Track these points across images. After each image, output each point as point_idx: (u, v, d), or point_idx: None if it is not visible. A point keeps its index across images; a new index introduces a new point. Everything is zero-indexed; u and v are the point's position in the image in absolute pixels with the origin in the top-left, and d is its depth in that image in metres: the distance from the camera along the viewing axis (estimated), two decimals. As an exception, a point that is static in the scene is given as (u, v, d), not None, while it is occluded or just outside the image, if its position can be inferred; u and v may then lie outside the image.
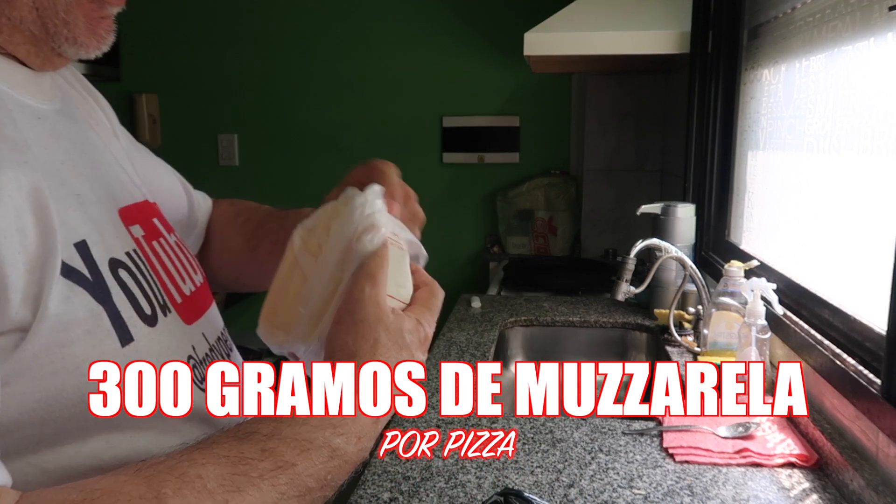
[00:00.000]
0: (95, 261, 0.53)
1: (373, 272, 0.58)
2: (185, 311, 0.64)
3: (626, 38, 1.96)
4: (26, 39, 0.55)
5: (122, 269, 0.56)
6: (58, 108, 0.62)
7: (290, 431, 0.52)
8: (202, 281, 0.71)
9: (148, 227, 0.65)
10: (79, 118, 0.66)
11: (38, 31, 0.55)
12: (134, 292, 0.56)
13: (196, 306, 0.66)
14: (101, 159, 0.65)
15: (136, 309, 0.56)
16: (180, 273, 0.66)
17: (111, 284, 0.54)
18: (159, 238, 0.66)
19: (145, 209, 0.67)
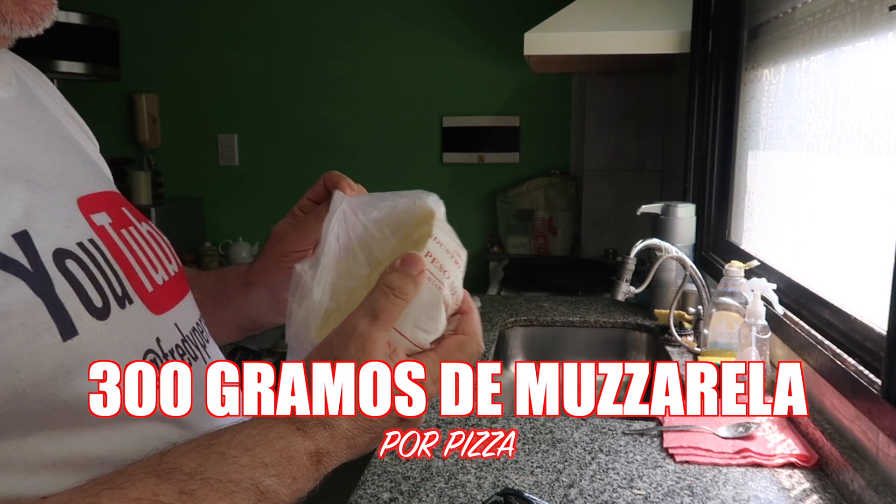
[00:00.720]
0: (38, 251, 0.51)
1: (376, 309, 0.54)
2: (154, 300, 0.61)
3: (626, 38, 1.96)
4: None
5: (71, 260, 0.53)
6: (11, 96, 0.60)
7: (216, 471, 0.48)
8: (177, 270, 0.69)
9: (115, 214, 0.63)
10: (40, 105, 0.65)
11: None
12: (83, 283, 0.53)
13: (169, 296, 0.64)
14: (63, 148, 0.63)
15: (84, 301, 0.53)
16: (152, 262, 0.64)
17: (54, 275, 0.51)
18: (128, 226, 0.64)
19: (112, 198, 0.65)
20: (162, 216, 2.96)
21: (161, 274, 0.65)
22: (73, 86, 3.10)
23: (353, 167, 3.21)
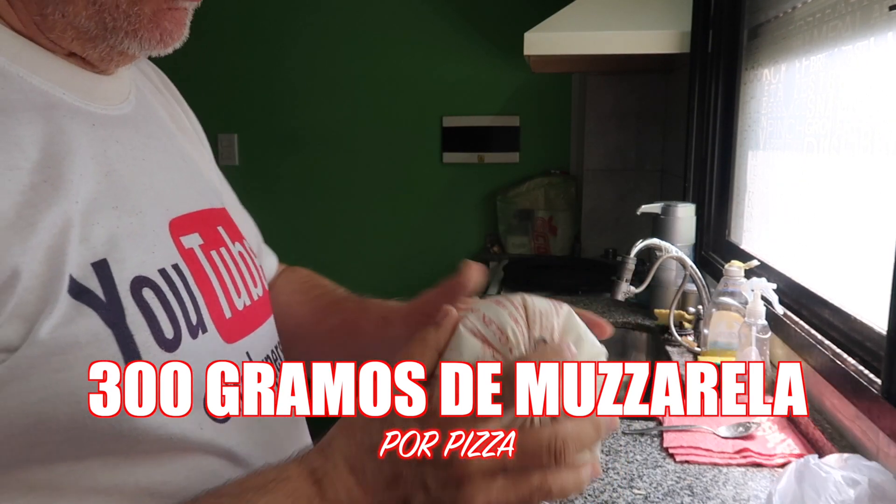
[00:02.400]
0: (115, 280, 0.50)
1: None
2: (230, 328, 0.60)
3: (626, 38, 1.96)
4: (79, 36, 0.52)
5: (148, 288, 0.52)
6: (126, 113, 0.59)
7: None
8: (261, 294, 0.67)
9: (209, 234, 0.61)
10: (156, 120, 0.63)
11: (94, 27, 0.51)
12: (156, 313, 0.52)
13: (246, 322, 0.62)
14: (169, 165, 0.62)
15: (154, 331, 0.52)
16: (237, 285, 0.62)
17: (127, 305, 0.50)
18: (220, 247, 0.62)
19: (213, 215, 0.63)
20: (162, 216, 2.95)
21: (244, 298, 0.63)
22: (72, 86, 3.10)
23: (354, 167, 3.21)
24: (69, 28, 0.51)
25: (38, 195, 0.47)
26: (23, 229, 0.45)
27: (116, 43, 0.53)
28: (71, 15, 0.50)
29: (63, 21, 0.50)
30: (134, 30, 0.52)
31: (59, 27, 0.50)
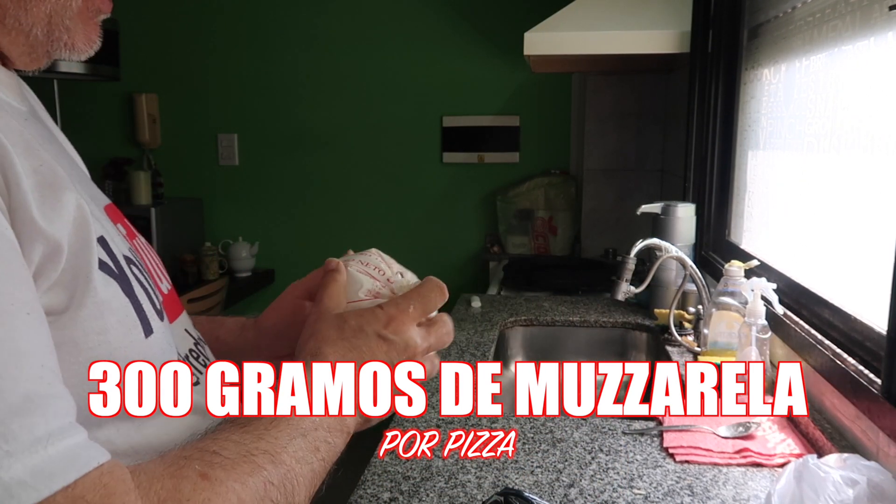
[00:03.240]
0: (116, 256, 0.55)
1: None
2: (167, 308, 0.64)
3: (626, 38, 1.96)
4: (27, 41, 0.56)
5: (132, 265, 0.57)
6: (28, 109, 0.61)
7: None
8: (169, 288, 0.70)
9: (126, 226, 0.65)
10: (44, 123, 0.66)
11: (42, 35, 0.55)
12: (145, 286, 0.58)
13: (174, 305, 0.67)
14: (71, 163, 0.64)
15: (150, 302, 0.57)
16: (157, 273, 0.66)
17: (131, 278, 0.55)
18: (135, 238, 0.66)
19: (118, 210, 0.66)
20: (162, 216, 2.96)
21: (165, 283, 0.67)
22: (73, 86, 3.10)
23: (353, 167, 3.21)
24: (21, 35, 0.55)
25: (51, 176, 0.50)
26: (55, 206, 0.49)
27: (54, 51, 0.57)
28: (27, 25, 0.54)
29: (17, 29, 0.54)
30: (72, 42, 0.57)
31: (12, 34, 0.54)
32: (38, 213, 0.47)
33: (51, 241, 0.48)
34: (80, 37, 0.58)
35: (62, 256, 0.49)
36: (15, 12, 0.53)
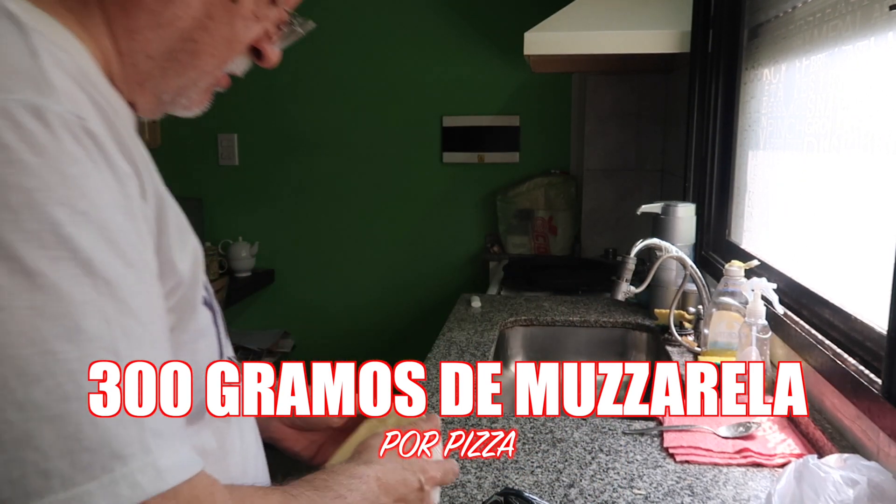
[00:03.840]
0: (209, 290, 0.64)
1: None
2: None
3: (626, 38, 1.96)
4: (156, 101, 0.64)
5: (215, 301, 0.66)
6: None
7: None
8: None
9: None
10: None
11: (169, 99, 0.64)
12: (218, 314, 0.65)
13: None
14: None
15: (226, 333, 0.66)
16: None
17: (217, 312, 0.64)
18: None
19: None
20: (162, 216, 2.95)
21: None
22: (72, 86, 3.10)
23: (354, 167, 3.21)
24: (153, 97, 0.63)
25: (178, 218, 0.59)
26: (183, 246, 0.58)
27: (172, 110, 0.66)
28: (161, 90, 0.63)
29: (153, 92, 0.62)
30: (187, 105, 0.66)
31: (147, 95, 0.63)
32: (175, 253, 0.56)
33: (178, 275, 0.56)
34: (195, 102, 0.66)
35: (182, 288, 0.57)
36: (155, 81, 0.61)
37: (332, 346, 3.27)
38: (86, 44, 0.56)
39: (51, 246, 0.44)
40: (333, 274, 3.29)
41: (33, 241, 0.44)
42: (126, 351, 0.47)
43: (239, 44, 0.63)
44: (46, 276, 0.44)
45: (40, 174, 0.44)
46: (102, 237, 0.47)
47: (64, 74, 0.49)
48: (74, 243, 0.45)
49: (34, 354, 0.43)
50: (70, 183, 0.45)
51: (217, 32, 0.60)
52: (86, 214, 0.46)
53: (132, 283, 0.48)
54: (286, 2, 0.66)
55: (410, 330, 3.23)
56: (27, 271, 0.43)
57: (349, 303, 3.28)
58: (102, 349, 0.45)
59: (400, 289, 3.26)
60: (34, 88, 0.46)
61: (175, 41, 0.59)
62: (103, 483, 0.44)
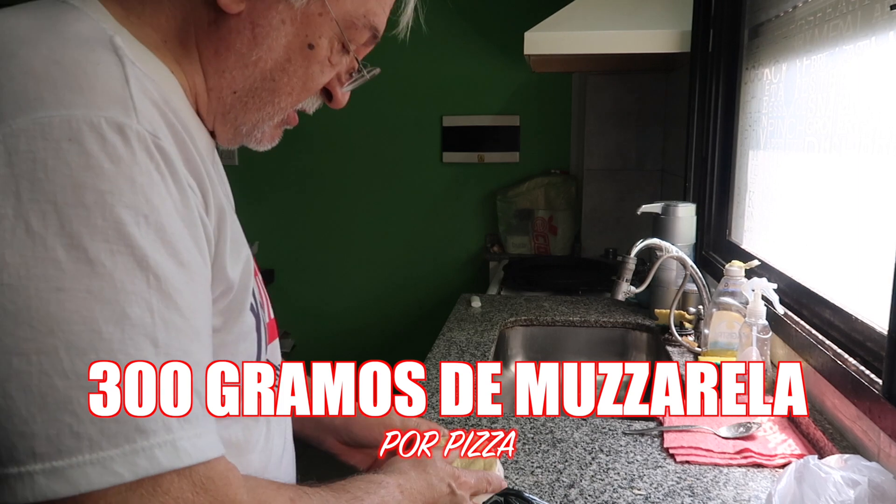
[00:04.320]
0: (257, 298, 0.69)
1: None
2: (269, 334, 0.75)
3: (626, 38, 1.96)
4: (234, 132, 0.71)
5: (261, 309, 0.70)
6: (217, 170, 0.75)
7: None
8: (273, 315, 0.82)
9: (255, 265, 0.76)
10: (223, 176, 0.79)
11: (245, 132, 0.71)
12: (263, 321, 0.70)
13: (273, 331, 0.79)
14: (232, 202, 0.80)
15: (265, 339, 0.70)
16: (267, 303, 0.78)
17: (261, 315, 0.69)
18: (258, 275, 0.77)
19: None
20: (162, 216, 2.95)
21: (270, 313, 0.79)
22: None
23: (354, 166, 3.20)
24: (232, 128, 0.70)
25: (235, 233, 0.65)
26: (237, 257, 0.64)
27: (244, 142, 0.73)
28: (240, 122, 0.70)
29: (232, 123, 0.70)
30: (259, 139, 0.74)
31: (228, 125, 0.70)
32: (228, 262, 0.62)
33: (229, 282, 0.62)
34: (267, 137, 0.74)
35: (231, 293, 0.63)
36: (236, 114, 0.69)
37: (332, 346, 3.27)
38: (178, 77, 0.64)
39: (113, 241, 0.50)
40: (333, 274, 3.29)
41: (98, 235, 0.50)
42: (164, 340, 0.52)
43: (314, 85, 0.71)
44: (105, 266, 0.50)
45: (113, 179, 0.51)
46: (159, 238, 0.53)
47: (146, 99, 0.56)
48: (133, 241, 0.51)
49: (84, 331, 0.49)
50: (137, 189, 0.52)
51: (295, 74, 0.68)
52: (147, 217, 0.52)
53: (181, 282, 0.54)
54: (357, 51, 0.76)
55: (410, 330, 3.23)
56: (89, 260, 0.49)
57: (349, 303, 3.28)
58: (143, 336, 0.51)
59: (400, 289, 3.26)
60: (121, 109, 0.53)
61: (257, 80, 0.66)
62: (125, 451, 0.49)
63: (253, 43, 0.64)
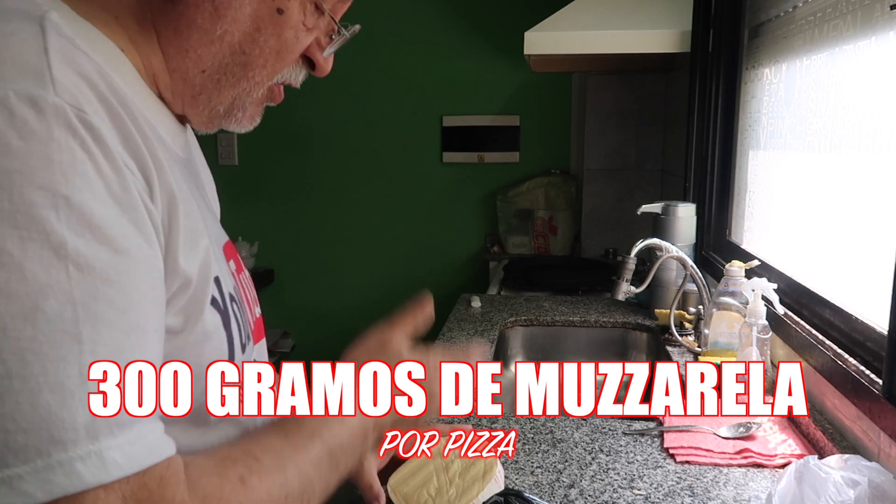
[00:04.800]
0: (224, 295, 0.63)
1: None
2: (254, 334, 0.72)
3: (626, 37, 1.96)
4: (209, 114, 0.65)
5: (234, 304, 0.65)
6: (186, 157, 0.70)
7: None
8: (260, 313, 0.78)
9: (237, 262, 0.73)
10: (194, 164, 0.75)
11: (223, 112, 0.65)
12: (240, 323, 0.65)
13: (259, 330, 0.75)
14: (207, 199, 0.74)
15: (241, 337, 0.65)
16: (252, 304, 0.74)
17: (231, 315, 0.63)
18: (242, 272, 0.74)
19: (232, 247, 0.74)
20: (162, 216, 2.95)
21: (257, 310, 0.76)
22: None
23: (353, 166, 3.20)
24: (206, 109, 0.64)
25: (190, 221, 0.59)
26: (193, 248, 0.58)
27: (224, 124, 0.67)
28: (215, 102, 0.64)
29: (206, 104, 0.64)
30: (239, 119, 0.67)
31: (200, 107, 0.64)
32: (182, 255, 0.56)
33: (185, 277, 0.57)
34: (248, 117, 0.67)
35: (190, 289, 0.57)
36: (209, 94, 0.63)
37: (332, 346, 3.27)
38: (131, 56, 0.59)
39: (22, 226, 0.45)
40: (333, 274, 3.29)
41: (5, 220, 0.45)
42: (90, 336, 0.46)
43: (289, 54, 0.65)
44: (12, 255, 0.44)
45: (24, 157, 0.46)
46: (84, 223, 0.47)
47: (71, 71, 0.50)
48: (48, 226, 0.46)
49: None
50: (55, 168, 0.46)
51: (266, 45, 0.62)
52: (68, 199, 0.46)
53: (116, 271, 0.48)
54: (334, 10, 0.68)
55: (410, 330, 3.23)
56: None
57: (349, 303, 3.28)
58: (61, 332, 0.45)
59: (400, 289, 3.26)
60: (35, 80, 0.48)
61: (227, 56, 0.61)
62: (36, 468, 0.43)
63: (215, 16, 0.59)
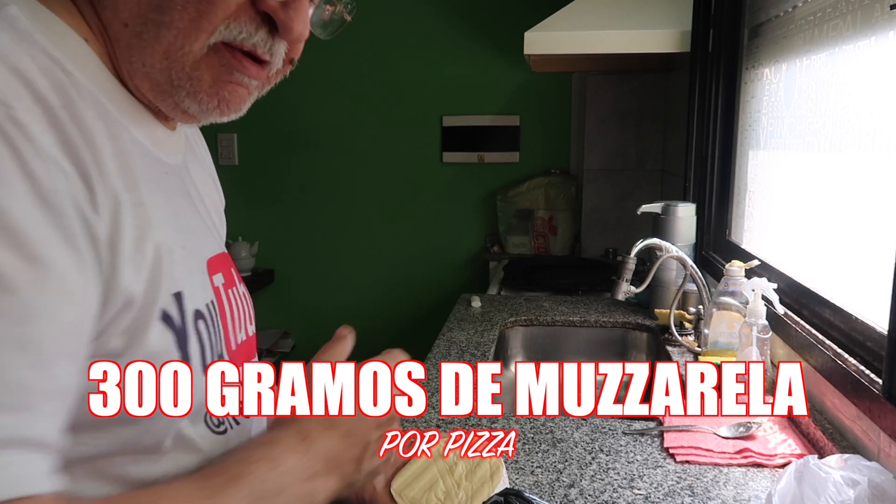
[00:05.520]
0: (185, 311, 0.58)
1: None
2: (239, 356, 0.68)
3: (626, 37, 1.96)
4: (153, 87, 0.58)
5: (201, 321, 0.60)
6: (179, 162, 0.66)
7: None
8: (253, 332, 0.74)
9: (227, 275, 0.69)
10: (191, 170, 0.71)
11: (163, 81, 0.57)
12: (204, 344, 0.60)
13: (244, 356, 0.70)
14: (200, 210, 0.70)
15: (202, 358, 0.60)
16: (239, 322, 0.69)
17: (190, 334, 0.59)
18: (233, 287, 0.69)
19: (225, 259, 0.70)
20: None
21: (241, 334, 0.70)
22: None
23: (353, 166, 3.20)
24: (146, 78, 0.58)
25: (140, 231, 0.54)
26: (137, 262, 0.53)
27: (179, 101, 0.59)
28: (148, 65, 0.57)
29: (142, 70, 0.57)
30: (194, 92, 0.58)
31: (138, 75, 0.58)
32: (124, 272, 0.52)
33: (127, 295, 0.52)
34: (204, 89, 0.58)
35: (134, 308, 0.53)
36: (136, 51, 0.56)
37: (331, 346, 3.27)
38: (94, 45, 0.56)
39: None
40: (333, 274, 3.29)
41: None
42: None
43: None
44: None
45: None
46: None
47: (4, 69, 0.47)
48: None
49: None
50: None
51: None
52: None
53: (22, 280, 0.44)
54: None
55: (410, 330, 3.23)
56: None
57: (349, 303, 3.28)
58: None
59: (400, 289, 3.26)
60: None
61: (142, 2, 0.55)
62: None
63: None
